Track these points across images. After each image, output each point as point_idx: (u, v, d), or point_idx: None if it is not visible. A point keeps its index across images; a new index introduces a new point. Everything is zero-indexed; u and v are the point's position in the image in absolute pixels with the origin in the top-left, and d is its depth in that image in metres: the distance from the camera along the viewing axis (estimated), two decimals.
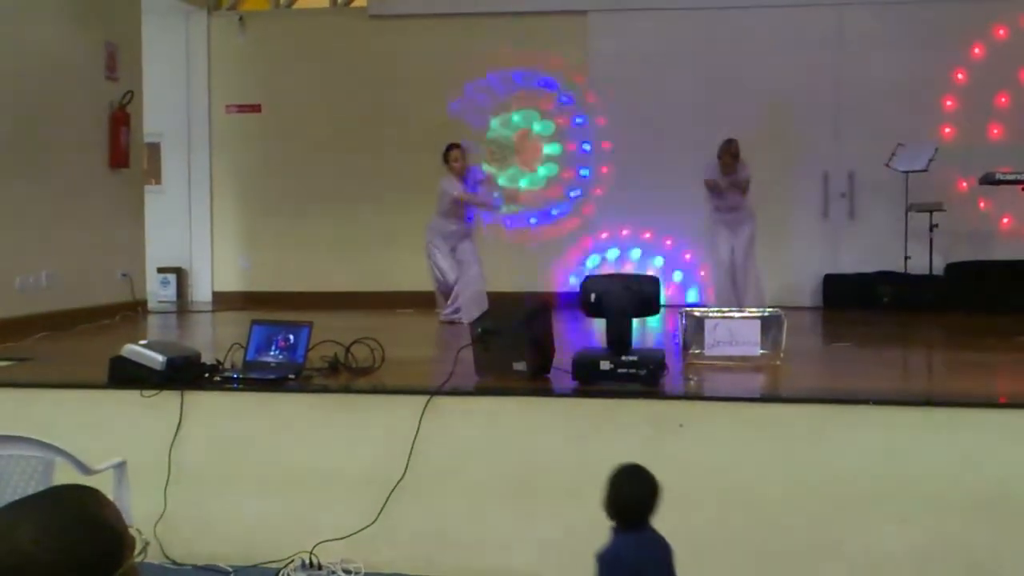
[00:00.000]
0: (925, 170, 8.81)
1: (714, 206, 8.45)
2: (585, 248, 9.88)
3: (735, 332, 5.23)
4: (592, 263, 9.80)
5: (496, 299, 7.03)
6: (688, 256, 9.75)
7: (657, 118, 9.71)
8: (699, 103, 9.63)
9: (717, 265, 8.53)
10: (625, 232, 9.83)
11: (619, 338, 4.52)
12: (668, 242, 9.78)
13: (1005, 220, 9.48)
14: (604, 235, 9.84)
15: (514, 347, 4.63)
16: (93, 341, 6.70)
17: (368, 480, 4.31)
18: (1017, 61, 9.38)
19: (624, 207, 9.75)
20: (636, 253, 9.83)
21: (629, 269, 9.48)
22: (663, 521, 4.17)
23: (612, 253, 9.85)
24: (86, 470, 3.54)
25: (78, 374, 5.10)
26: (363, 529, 4.23)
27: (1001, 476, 4.03)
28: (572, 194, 10.06)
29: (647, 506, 2.88)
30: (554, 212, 10.05)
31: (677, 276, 9.77)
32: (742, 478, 4.16)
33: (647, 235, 9.80)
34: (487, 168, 9.66)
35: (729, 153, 8.26)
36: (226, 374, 4.72)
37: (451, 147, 8.21)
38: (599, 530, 4.22)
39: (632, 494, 2.90)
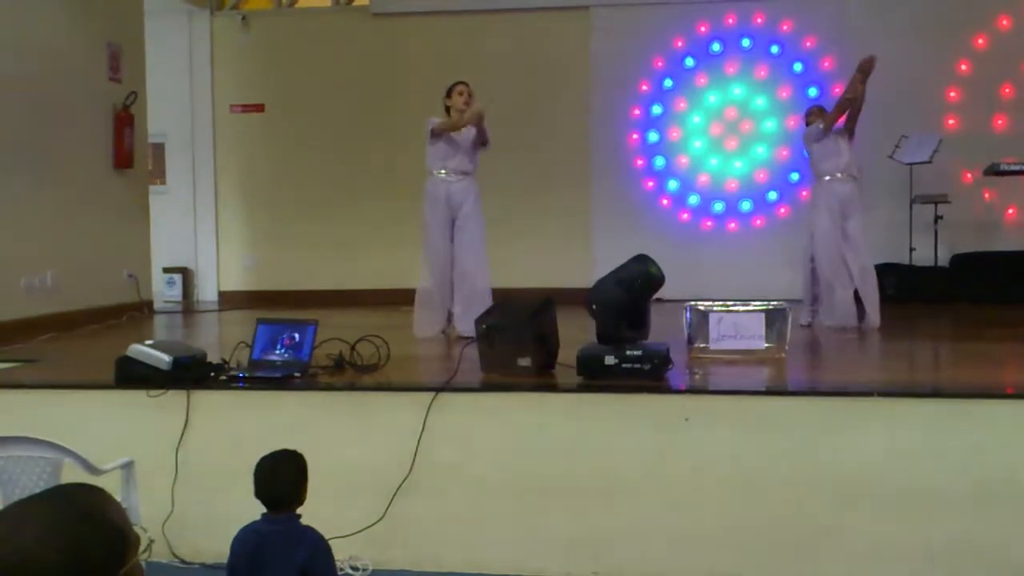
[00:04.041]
0: (929, 162, 8.79)
1: (821, 169, 7.15)
2: None
3: (740, 326, 5.23)
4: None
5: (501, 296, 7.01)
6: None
7: (661, 114, 9.72)
8: (703, 94, 9.63)
9: (818, 251, 7.13)
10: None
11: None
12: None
13: (1010, 211, 9.46)
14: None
15: (519, 343, 4.64)
16: (99, 341, 6.72)
17: (374, 477, 4.32)
18: (1021, 52, 9.35)
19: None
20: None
21: None
22: (672, 516, 4.19)
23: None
24: (94, 470, 3.55)
25: (84, 375, 5.11)
26: (370, 526, 4.24)
27: (1008, 467, 4.03)
28: None
29: (265, 493, 2.91)
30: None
31: None
32: (748, 472, 4.16)
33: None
34: None
35: (815, 111, 7.33)
36: (232, 373, 4.73)
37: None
38: (605, 526, 4.24)
39: (258, 479, 2.92)
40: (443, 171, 6.64)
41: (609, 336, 4.61)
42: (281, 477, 2.93)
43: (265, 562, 2.82)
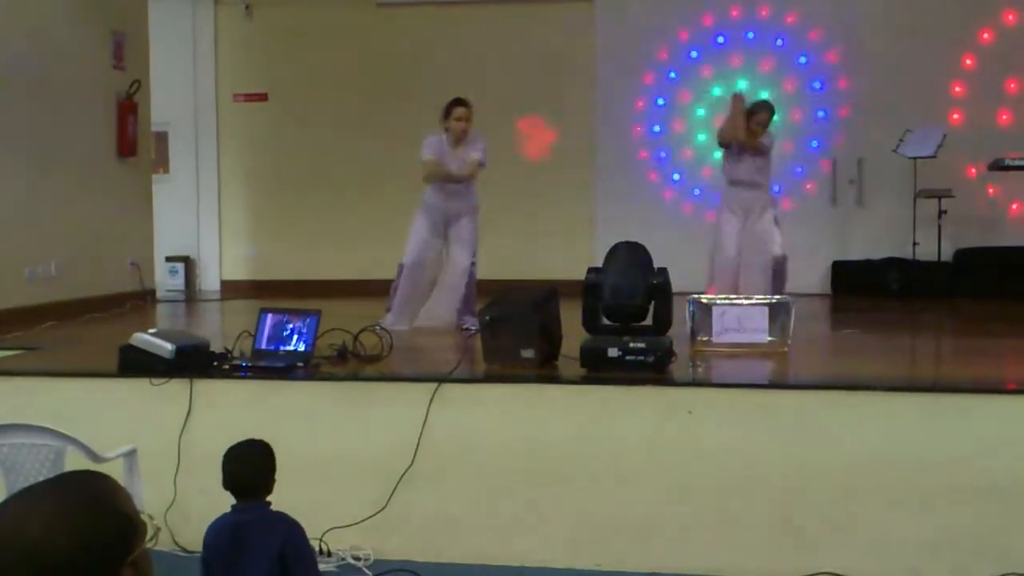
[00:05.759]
0: (933, 156, 8.77)
1: (728, 178, 7.14)
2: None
3: (743, 319, 5.22)
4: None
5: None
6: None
7: (665, 106, 9.71)
8: (707, 87, 9.62)
9: (718, 260, 7.11)
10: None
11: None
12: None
13: (1014, 206, 9.44)
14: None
15: (522, 334, 4.64)
16: (102, 330, 6.72)
17: (377, 467, 4.32)
18: None
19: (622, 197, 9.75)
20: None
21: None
22: (675, 508, 4.18)
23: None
24: (97, 458, 3.56)
25: (88, 363, 5.11)
26: (372, 516, 4.24)
27: (1009, 462, 4.03)
28: None
29: (234, 483, 2.93)
30: None
31: None
32: (750, 465, 4.16)
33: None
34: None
35: (766, 111, 6.93)
36: (235, 362, 4.73)
37: (454, 103, 6.47)
38: (608, 518, 4.24)
39: (227, 469, 2.95)
40: (441, 193, 6.67)
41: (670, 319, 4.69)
42: (251, 466, 2.95)
43: (242, 551, 2.82)
